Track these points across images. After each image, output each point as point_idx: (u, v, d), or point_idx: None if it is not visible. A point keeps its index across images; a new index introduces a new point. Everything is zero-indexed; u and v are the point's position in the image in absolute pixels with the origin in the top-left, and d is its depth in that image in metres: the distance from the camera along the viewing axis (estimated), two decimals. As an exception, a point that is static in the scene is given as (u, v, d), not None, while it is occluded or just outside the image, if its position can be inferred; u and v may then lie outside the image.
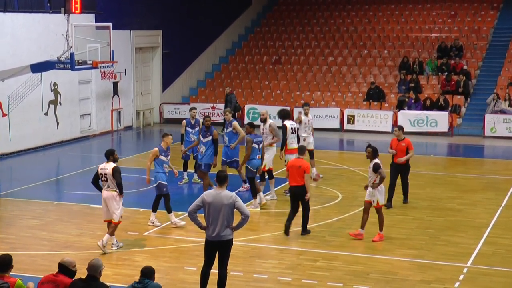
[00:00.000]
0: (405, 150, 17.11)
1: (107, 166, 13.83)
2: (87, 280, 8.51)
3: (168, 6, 32.28)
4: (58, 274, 8.70)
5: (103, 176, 13.82)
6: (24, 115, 24.61)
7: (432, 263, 13.14)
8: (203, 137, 17.84)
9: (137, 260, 13.17)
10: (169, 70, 32.70)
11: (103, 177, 13.82)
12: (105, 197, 13.85)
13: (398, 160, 17.10)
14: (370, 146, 14.74)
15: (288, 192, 15.60)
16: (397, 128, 17.65)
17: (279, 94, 32.22)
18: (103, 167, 13.86)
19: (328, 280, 12.26)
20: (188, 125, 19.64)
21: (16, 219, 16.19)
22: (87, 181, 17.63)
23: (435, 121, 28.58)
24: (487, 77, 31.50)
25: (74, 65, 20.37)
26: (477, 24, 34.44)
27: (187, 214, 11.07)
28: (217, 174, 11.02)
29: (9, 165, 22.96)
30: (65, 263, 8.74)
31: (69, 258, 8.85)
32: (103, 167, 13.85)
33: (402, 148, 17.14)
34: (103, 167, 13.86)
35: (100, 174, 13.87)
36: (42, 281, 8.72)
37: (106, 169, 13.78)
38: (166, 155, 15.48)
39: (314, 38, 35.75)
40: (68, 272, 8.70)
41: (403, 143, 17.20)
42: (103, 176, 13.82)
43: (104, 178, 13.81)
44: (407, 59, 32.20)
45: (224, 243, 10.86)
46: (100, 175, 13.87)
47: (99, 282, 8.53)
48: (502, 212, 16.87)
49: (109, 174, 13.71)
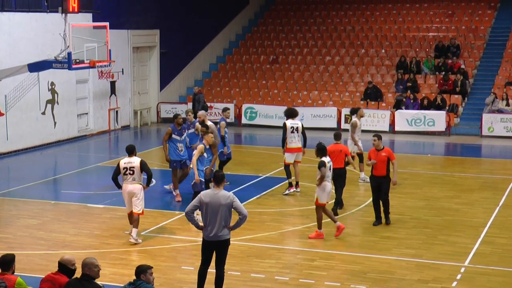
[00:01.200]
0: (386, 160, 15.40)
1: (132, 160, 14.22)
2: (81, 279, 8.51)
3: (166, 5, 32.26)
4: (58, 273, 8.71)
5: (128, 170, 14.14)
6: (22, 115, 24.58)
7: (429, 263, 13.14)
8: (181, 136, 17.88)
9: (134, 259, 13.16)
10: (167, 69, 32.69)
11: (129, 171, 14.13)
12: (129, 190, 14.17)
13: (393, 181, 15.64)
14: (319, 144, 14.83)
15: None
16: (375, 137, 15.65)
17: (277, 93, 32.22)
18: (127, 161, 14.20)
19: (325, 279, 12.27)
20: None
21: (14, 219, 16.17)
22: (85, 181, 17.67)
23: (432, 121, 28.59)
24: (485, 77, 31.52)
25: (72, 64, 20.37)
26: (475, 24, 34.46)
27: (185, 214, 11.06)
28: (214, 174, 11.07)
29: (7, 165, 22.94)
30: (64, 261, 8.75)
31: (68, 256, 8.83)
32: (128, 161, 14.20)
33: (382, 158, 15.39)
34: (127, 161, 14.20)
35: (125, 168, 14.17)
36: (43, 279, 8.76)
37: (133, 163, 14.16)
38: (208, 152, 15.88)
39: (312, 37, 35.75)
40: (66, 271, 8.70)
41: (383, 153, 15.44)
42: (128, 169, 14.14)
43: (130, 172, 14.13)
44: (404, 59, 32.21)
45: (222, 243, 10.85)
46: (125, 169, 14.17)
47: (93, 282, 8.50)
48: (500, 212, 16.88)
49: (137, 167, 14.11)
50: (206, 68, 35.52)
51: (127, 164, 14.19)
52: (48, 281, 8.66)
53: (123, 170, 14.21)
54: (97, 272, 8.57)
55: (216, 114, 29.98)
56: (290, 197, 18.05)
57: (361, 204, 17.43)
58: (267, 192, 18.48)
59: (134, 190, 14.13)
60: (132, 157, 14.29)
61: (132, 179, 14.17)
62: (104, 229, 15.42)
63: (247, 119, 30.71)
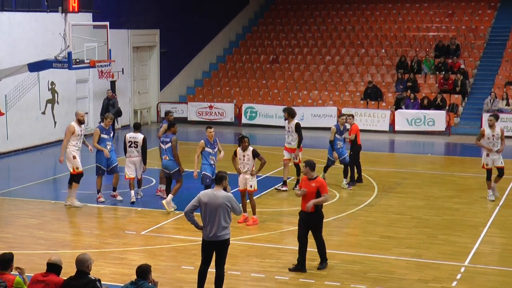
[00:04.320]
0: (315, 192, 12.38)
1: (137, 135, 16.92)
2: (76, 276, 8.54)
3: (166, 5, 32.26)
4: (48, 274, 8.69)
5: (132, 144, 16.87)
6: (22, 114, 24.59)
7: (429, 262, 13.14)
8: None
9: (134, 259, 13.15)
10: (167, 69, 32.70)
11: (133, 144, 16.88)
12: (134, 160, 16.95)
13: (307, 206, 12.37)
14: (244, 136, 15.57)
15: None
16: (304, 164, 12.64)
17: (277, 93, 32.22)
18: (132, 136, 16.91)
19: (325, 279, 12.26)
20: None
21: (14, 218, 16.17)
22: (84, 180, 17.68)
23: (432, 120, 28.60)
24: (485, 76, 31.53)
25: (72, 64, 20.36)
26: (475, 23, 34.46)
27: (184, 214, 11.06)
28: (216, 174, 11.23)
29: (7, 164, 22.94)
30: (55, 261, 8.75)
31: (55, 257, 8.88)
32: (133, 135, 16.91)
33: (312, 190, 12.39)
34: (132, 135, 16.91)
35: (130, 141, 16.90)
36: (31, 281, 8.73)
37: (137, 138, 16.89)
38: (212, 148, 16.09)
39: (312, 37, 35.75)
40: (58, 270, 8.71)
41: (313, 183, 12.44)
42: (132, 143, 16.88)
43: (134, 145, 16.86)
44: (404, 58, 32.21)
45: (221, 243, 10.85)
46: (129, 142, 16.90)
47: (89, 277, 8.55)
48: (499, 211, 16.88)
49: (140, 142, 16.83)
50: (206, 68, 35.52)
51: (132, 138, 16.87)
52: (40, 282, 8.62)
53: (128, 143, 16.85)
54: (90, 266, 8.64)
55: (216, 114, 29.95)
56: (290, 196, 18.03)
57: (361, 204, 17.43)
58: (267, 192, 18.48)
59: (137, 161, 16.93)
60: (137, 133, 16.88)
61: (137, 152, 16.88)
62: (104, 229, 15.43)
63: (247, 118, 30.71)
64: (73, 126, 17.02)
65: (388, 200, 17.85)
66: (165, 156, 16.66)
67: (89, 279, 8.53)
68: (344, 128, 19.07)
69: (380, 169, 21.65)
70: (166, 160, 16.67)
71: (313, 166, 12.50)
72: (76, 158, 16.99)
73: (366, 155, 23.11)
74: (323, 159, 23.46)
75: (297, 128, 18.29)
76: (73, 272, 8.76)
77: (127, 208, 16.88)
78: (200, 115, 31.01)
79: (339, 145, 18.92)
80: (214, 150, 16.18)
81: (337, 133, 18.87)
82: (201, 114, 30.97)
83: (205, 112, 30.84)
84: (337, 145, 18.90)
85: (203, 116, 30.78)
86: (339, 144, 18.93)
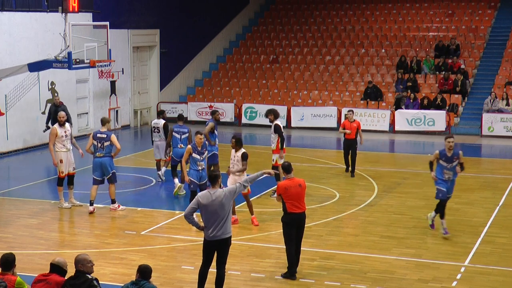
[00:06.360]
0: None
1: (159, 121, 19.10)
2: (76, 276, 8.57)
3: (166, 5, 32.27)
4: (50, 274, 8.73)
5: (155, 129, 19.01)
6: (22, 114, 24.59)
7: (429, 262, 13.14)
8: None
9: (134, 259, 13.15)
10: (167, 69, 32.69)
11: (156, 130, 19.01)
12: (158, 144, 19.02)
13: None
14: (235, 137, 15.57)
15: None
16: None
17: (277, 93, 32.22)
18: (156, 122, 19.16)
19: (325, 279, 12.26)
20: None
21: (14, 218, 16.17)
22: (84, 180, 17.70)
23: (432, 120, 28.60)
24: (485, 76, 31.53)
25: (72, 64, 20.37)
26: (475, 23, 34.46)
27: (184, 217, 11.02)
28: (209, 174, 11.18)
29: (7, 164, 22.94)
30: (58, 263, 8.78)
31: (60, 258, 8.88)
32: (156, 122, 19.15)
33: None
34: (156, 122, 19.16)
35: (153, 127, 19.10)
36: (34, 281, 8.77)
37: (159, 124, 19.02)
38: (200, 154, 15.69)
39: (312, 37, 35.76)
40: (60, 271, 8.73)
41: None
42: (155, 128, 19.02)
43: (156, 130, 19.01)
44: (404, 58, 32.21)
45: (224, 242, 10.84)
46: (153, 128, 19.09)
47: (86, 276, 8.56)
48: (500, 211, 16.88)
49: (161, 127, 18.90)
50: (206, 68, 35.52)
51: (155, 124, 19.10)
52: (42, 281, 8.67)
53: (153, 128, 19.03)
54: (91, 267, 8.68)
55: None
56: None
57: (361, 204, 17.43)
58: (267, 192, 18.48)
59: (160, 144, 18.91)
60: (159, 119, 19.09)
61: (159, 136, 18.99)
62: (104, 229, 15.43)
63: (247, 118, 30.72)
64: (55, 129, 16.91)
65: (388, 200, 17.85)
66: (180, 145, 18.00)
67: (86, 278, 8.56)
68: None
69: (380, 169, 21.65)
70: (181, 149, 17.79)
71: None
72: (62, 162, 16.86)
73: (366, 155, 23.13)
74: (323, 159, 23.51)
75: (276, 129, 18.12)
76: (73, 272, 8.77)
77: (127, 208, 16.87)
78: (200, 115, 31.01)
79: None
80: (202, 156, 15.71)
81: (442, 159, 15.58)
82: (201, 114, 30.98)
83: (205, 112, 30.83)
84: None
85: (203, 116, 30.77)
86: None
